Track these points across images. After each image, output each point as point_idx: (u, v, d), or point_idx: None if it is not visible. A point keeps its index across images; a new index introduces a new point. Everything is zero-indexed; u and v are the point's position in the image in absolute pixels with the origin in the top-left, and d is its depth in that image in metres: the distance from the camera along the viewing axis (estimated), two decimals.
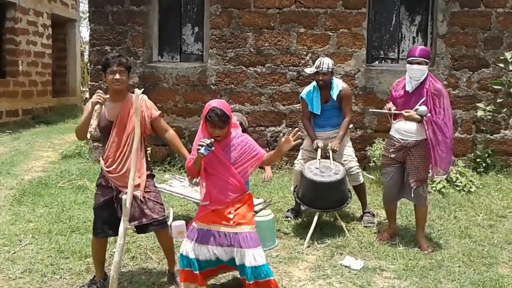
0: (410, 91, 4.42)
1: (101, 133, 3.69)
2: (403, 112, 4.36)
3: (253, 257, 3.28)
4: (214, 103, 3.36)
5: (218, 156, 3.38)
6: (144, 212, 3.58)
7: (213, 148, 3.28)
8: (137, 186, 3.58)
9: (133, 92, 3.57)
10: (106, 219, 3.62)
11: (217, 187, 3.38)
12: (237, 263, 3.34)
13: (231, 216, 3.34)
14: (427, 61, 4.38)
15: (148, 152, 7.34)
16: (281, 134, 3.38)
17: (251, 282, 3.28)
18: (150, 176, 3.76)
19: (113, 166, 3.59)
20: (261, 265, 3.29)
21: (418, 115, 4.31)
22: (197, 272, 3.38)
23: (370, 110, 5.11)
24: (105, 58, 3.63)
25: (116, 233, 3.55)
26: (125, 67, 3.61)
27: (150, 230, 3.71)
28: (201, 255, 3.37)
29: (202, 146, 3.25)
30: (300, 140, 3.39)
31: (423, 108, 4.30)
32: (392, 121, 4.59)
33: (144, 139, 3.73)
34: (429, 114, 4.29)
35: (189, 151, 3.66)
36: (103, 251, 3.77)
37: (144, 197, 3.59)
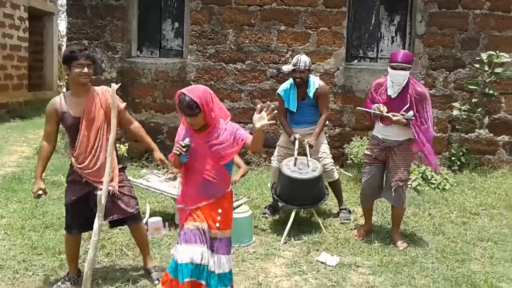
0: (392, 97, 4.44)
1: (68, 131, 3.61)
2: (390, 115, 4.37)
3: (230, 262, 3.07)
4: (185, 89, 3.00)
5: (199, 150, 3.02)
6: (119, 207, 3.58)
7: (187, 154, 2.99)
8: (110, 180, 3.53)
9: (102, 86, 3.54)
10: (79, 215, 3.57)
11: (198, 184, 3.01)
12: (212, 269, 2.99)
13: (219, 218, 3.02)
14: (410, 66, 4.39)
15: (125, 147, 7.28)
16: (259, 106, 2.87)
17: None
18: (122, 169, 3.74)
19: (86, 162, 3.52)
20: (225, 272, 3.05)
21: (405, 119, 4.35)
22: (182, 281, 2.91)
23: (358, 108, 5.01)
24: (70, 50, 3.49)
25: (89, 229, 3.51)
26: (92, 60, 3.54)
27: (125, 224, 3.70)
28: (193, 256, 2.93)
29: (179, 153, 2.98)
30: (274, 112, 2.90)
31: (410, 113, 4.35)
32: (380, 122, 4.55)
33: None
34: (413, 118, 4.35)
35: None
36: (77, 247, 3.73)
37: (119, 192, 3.57)
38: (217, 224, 3.02)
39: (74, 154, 3.54)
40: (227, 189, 3.09)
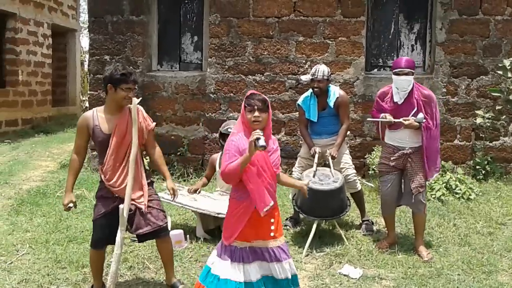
0: (399, 103, 4.46)
1: (97, 147, 3.67)
2: (402, 120, 4.38)
3: (291, 266, 3.22)
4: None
5: (259, 159, 3.07)
6: (148, 220, 3.59)
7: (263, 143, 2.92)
8: (140, 197, 3.59)
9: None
10: (106, 230, 3.57)
11: (257, 191, 3.05)
12: (278, 277, 3.14)
13: (272, 227, 3.14)
14: (413, 71, 4.44)
15: (147, 160, 7.35)
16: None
17: None
18: (150, 184, 3.78)
19: (114, 179, 3.54)
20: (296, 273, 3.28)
21: (417, 122, 4.34)
22: None
23: (369, 120, 5.04)
24: (121, 73, 3.54)
25: (114, 242, 3.56)
26: (136, 84, 3.68)
27: (153, 237, 3.70)
28: (246, 276, 3.09)
29: (259, 138, 2.90)
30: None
31: (421, 116, 4.36)
32: (388, 129, 4.61)
33: (140, 149, 3.71)
34: (424, 120, 4.35)
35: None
36: (102, 261, 3.75)
37: (148, 206, 3.61)
38: (272, 234, 3.13)
39: (103, 170, 3.58)
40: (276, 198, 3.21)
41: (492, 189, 6.68)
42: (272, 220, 3.16)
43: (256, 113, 3.04)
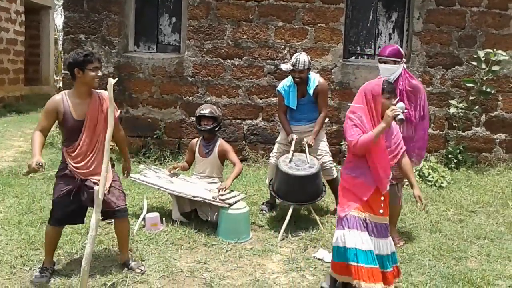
0: None
1: (66, 131, 3.63)
2: None
3: (391, 243, 3.45)
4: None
5: (388, 134, 3.43)
6: (110, 200, 3.65)
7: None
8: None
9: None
10: (67, 208, 3.62)
11: (383, 168, 3.31)
12: (384, 253, 3.35)
13: (382, 205, 3.34)
14: (396, 60, 4.38)
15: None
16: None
17: (390, 270, 3.36)
18: (112, 166, 3.80)
19: (83, 163, 3.58)
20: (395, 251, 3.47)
21: None
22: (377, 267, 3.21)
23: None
24: (85, 54, 3.53)
25: (76, 222, 3.76)
26: (101, 63, 3.68)
27: (115, 216, 3.75)
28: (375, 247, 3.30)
29: (398, 113, 3.32)
30: None
31: (400, 105, 4.34)
32: None
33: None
34: (406, 110, 4.34)
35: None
36: (58, 239, 3.80)
37: (110, 186, 3.65)
38: (381, 211, 3.32)
39: (72, 154, 3.58)
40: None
41: (464, 177, 6.84)
42: (382, 198, 3.35)
43: (393, 101, 3.42)
